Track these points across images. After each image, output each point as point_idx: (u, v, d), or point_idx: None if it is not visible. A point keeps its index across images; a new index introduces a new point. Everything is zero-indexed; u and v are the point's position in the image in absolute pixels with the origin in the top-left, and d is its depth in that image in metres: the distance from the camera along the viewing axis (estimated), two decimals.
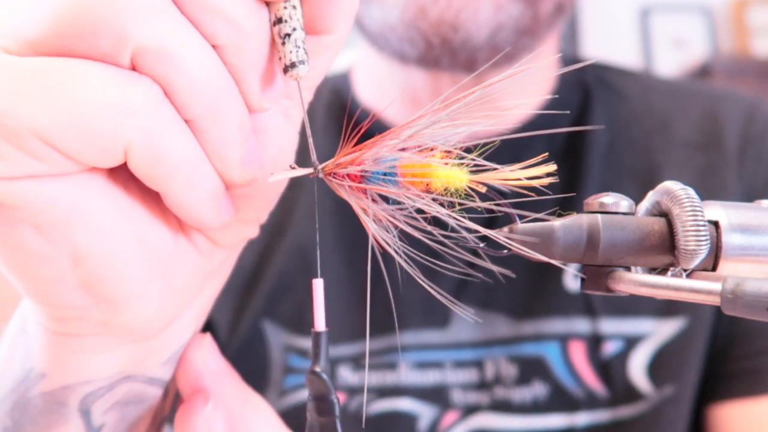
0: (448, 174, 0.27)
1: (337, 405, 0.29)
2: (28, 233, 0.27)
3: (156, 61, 0.25)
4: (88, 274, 0.28)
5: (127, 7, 0.24)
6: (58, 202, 0.26)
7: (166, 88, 0.25)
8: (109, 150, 0.25)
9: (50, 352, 0.32)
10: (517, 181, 0.27)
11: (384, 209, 0.28)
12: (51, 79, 0.24)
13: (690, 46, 2.45)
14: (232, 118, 0.27)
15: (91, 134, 0.24)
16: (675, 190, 0.26)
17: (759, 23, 2.44)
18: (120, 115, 0.24)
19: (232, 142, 0.28)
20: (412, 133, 0.28)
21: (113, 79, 0.24)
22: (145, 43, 0.24)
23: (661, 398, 0.57)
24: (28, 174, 0.25)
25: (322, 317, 0.29)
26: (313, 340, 0.29)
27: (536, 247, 0.26)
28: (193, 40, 0.25)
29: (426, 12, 0.54)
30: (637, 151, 0.64)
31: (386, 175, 0.28)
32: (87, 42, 0.24)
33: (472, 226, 0.27)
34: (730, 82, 2.05)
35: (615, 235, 0.26)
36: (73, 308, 0.30)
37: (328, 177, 0.29)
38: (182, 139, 0.26)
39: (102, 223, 0.28)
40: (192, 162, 0.27)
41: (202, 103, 0.26)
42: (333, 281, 0.61)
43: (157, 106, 0.25)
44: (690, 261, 0.25)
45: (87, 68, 0.24)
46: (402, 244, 0.28)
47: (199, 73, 0.25)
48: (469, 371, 0.59)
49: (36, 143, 0.24)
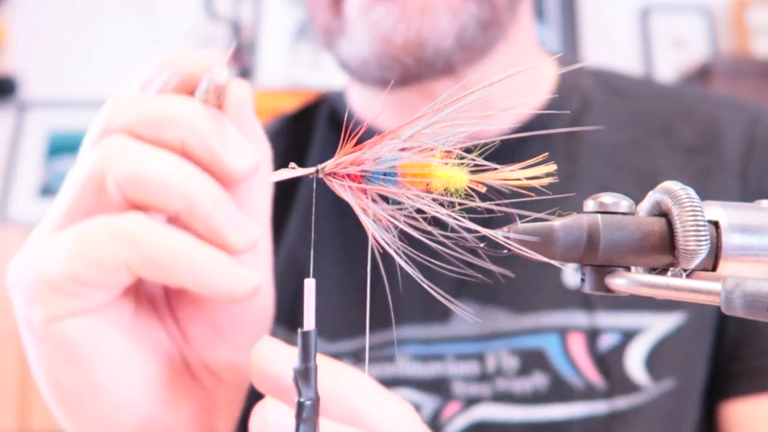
0: (448, 174, 0.27)
1: (317, 404, 0.29)
2: (60, 366, 0.35)
3: (129, 188, 0.34)
4: (102, 407, 0.36)
5: (98, 165, 0.35)
6: (87, 340, 0.35)
7: (145, 202, 0.34)
8: (115, 271, 0.34)
9: None
10: (516, 181, 0.27)
11: (384, 209, 0.28)
12: (69, 239, 0.35)
13: (690, 47, 2.45)
14: (207, 199, 0.34)
15: (100, 265, 0.34)
16: (675, 190, 0.26)
17: (759, 23, 2.44)
18: (114, 247, 0.34)
19: (216, 215, 0.35)
20: (412, 134, 0.28)
21: (105, 224, 0.34)
22: (118, 179, 0.34)
23: (660, 391, 0.58)
24: (68, 312, 0.34)
25: (312, 317, 0.29)
26: (301, 340, 0.29)
27: (536, 247, 0.26)
28: (146, 158, 0.34)
29: (390, 40, 0.57)
30: (639, 152, 0.65)
31: (386, 175, 0.28)
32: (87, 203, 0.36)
33: (472, 226, 0.27)
34: (730, 83, 2.05)
35: (615, 235, 0.26)
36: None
37: (328, 177, 0.29)
38: (168, 240, 0.34)
39: (119, 362, 0.35)
40: (185, 252, 0.34)
41: (175, 199, 0.34)
42: (332, 280, 0.62)
43: (138, 227, 0.34)
44: (690, 261, 0.25)
45: (90, 224, 0.35)
46: (402, 243, 0.28)
47: (160, 180, 0.34)
48: (470, 364, 0.60)
49: (68, 284, 0.34)
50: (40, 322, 0.34)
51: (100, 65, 2.44)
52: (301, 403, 0.29)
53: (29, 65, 2.45)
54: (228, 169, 0.35)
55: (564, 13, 2.40)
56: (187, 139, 0.35)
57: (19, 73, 2.44)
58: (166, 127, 0.35)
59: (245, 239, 0.36)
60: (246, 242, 0.36)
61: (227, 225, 0.35)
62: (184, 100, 0.36)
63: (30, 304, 0.35)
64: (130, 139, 0.35)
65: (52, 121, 2.43)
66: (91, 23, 2.46)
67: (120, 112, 0.36)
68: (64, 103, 2.42)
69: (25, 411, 1.97)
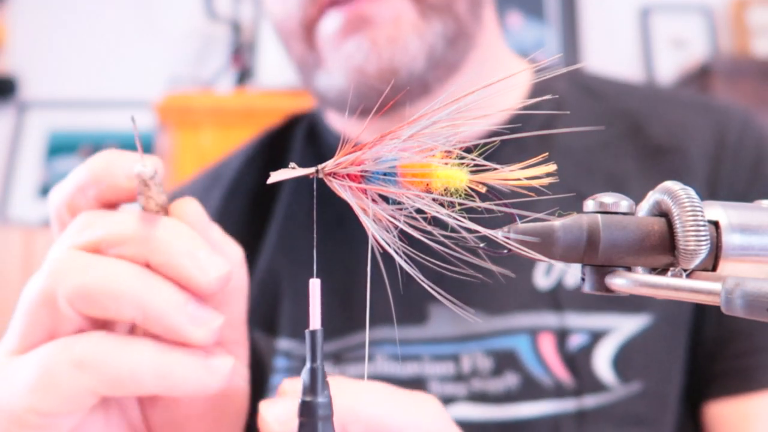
0: (448, 174, 0.27)
1: (330, 403, 0.29)
2: None
3: (81, 302, 0.35)
4: None
5: (50, 277, 0.35)
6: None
7: (97, 316, 0.35)
8: (80, 398, 0.35)
9: None
10: (516, 181, 0.27)
11: (384, 209, 0.28)
12: (28, 370, 0.35)
13: (690, 46, 2.45)
14: (164, 307, 0.35)
15: (63, 398, 0.34)
16: (675, 190, 0.26)
17: (759, 23, 2.44)
18: (73, 379, 0.34)
19: (174, 319, 0.35)
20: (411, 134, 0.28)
21: (60, 353, 0.35)
22: (69, 295, 0.34)
23: (628, 393, 0.59)
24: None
25: (318, 316, 0.29)
26: (309, 339, 0.29)
27: (536, 247, 0.26)
28: (98, 269, 0.35)
29: (364, 70, 0.58)
30: (609, 153, 0.66)
31: (386, 175, 0.28)
32: (40, 327, 0.36)
33: (472, 226, 0.27)
34: (730, 82, 2.04)
35: (615, 235, 0.26)
36: None
37: (328, 177, 0.29)
38: (130, 360, 0.34)
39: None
40: (142, 365, 0.35)
41: (127, 311, 0.35)
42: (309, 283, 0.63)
43: (94, 353, 0.34)
44: (690, 261, 0.25)
45: (45, 352, 0.35)
46: (387, 242, 0.28)
47: (110, 293, 0.34)
48: (446, 364, 0.61)
49: (32, 417, 0.34)
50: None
51: (100, 65, 2.44)
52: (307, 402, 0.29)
53: (29, 65, 2.45)
54: (198, 284, 0.35)
55: (564, 13, 2.40)
56: (150, 257, 0.35)
57: (19, 73, 2.44)
58: (129, 245, 0.35)
59: (207, 330, 0.36)
60: (208, 333, 0.36)
61: (185, 322, 0.35)
62: (145, 218, 0.36)
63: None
64: (78, 252, 0.35)
65: (52, 121, 2.43)
66: (91, 23, 2.46)
67: (78, 231, 0.36)
68: (64, 103, 2.42)
69: None
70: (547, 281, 0.61)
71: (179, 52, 2.42)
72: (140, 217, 0.36)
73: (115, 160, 0.37)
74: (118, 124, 2.37)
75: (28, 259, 2.06)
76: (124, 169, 0.37)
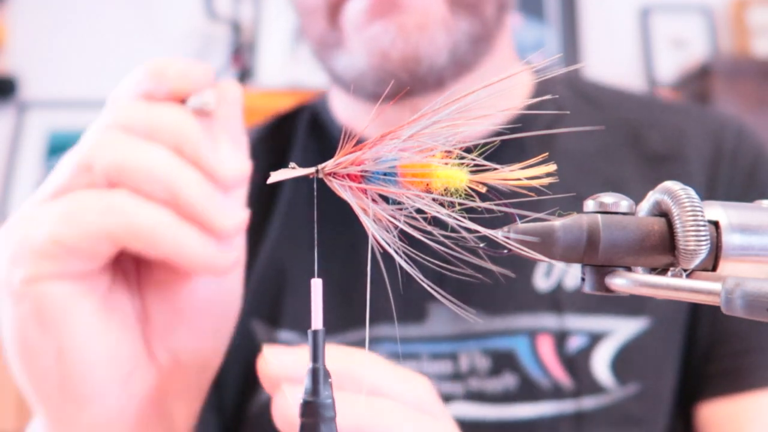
0: (448, 174, 0.27)
1: (333, 404, 0.29)
2: (31, 326, 0.37)
3: (117, 174, 0.37)
4: (63, 370, 0.37)
5: (90, 151, 0.38)
6: (60, 303, 0.36)
7: (133, 190, 0.37)
8: (98, 238, 0.36)
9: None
10: (516, 181, 0.27)
11: (384, 209, 0.28)
12: (59, 207, 0.37)
13: (690, 46, 2.45)
14: (192, 191, 0.37)
15: (85, 231, 0.36)
16: (675, 190, 0.26)
17: (759, 23, 2.43)
18: (99, 215, 0.36)
19: (201, 205, 0.37)
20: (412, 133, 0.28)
21: (93, 195, 0.37)
22: (106, 166, 0.37)
23: (625, 395, 0.59)
24: (47, 275, 0.36)
25: (320, 316, 0.29)
26: (311, 339, 0.29)
27: (536, 247, 0.26)
28: (136, 149, 0.37)
29: (388, 55, 0.58)
30: (607, 159, 0.66)
31: (386, 175, 0.28)
32: (78, 181, 0.38)
33: (472, 226, 0.27)
34: (730, 82, 2.04)
35: (615, 235, 0.26)
36: (52, 404, 0.39)
37: (328, 177, 0.29)
38: (149, 213, 0.37)
39: (86, 329, 0.37)
40: (166, 227, 0.37)
41: (160, 188, 0.37)
42: (311, 278, 0.63)
43: (123, 200, 0.37)
44: (690, 261, 0.25)
45: (79, 194, 0.38)
46: (387, 242, 0.28)
47: (148, 169, 0.37)
48: (444, 363, 0.61)
49: (52, 247, 0.36)
50: (19, 282, 0.36)
51: (100, 65, 2.43)
52: (308, 402, 0.29)
53: (29, 65, 2.45)
54: (218, 175, 0.38)
55: (564, 13, 2.40)
56: (179, 145, 0.38)
57: (19, 73, 2.44)
58: (162, 133, 0.38)
59: (231, 222, 0.38)
60: (232, 225, 0.38)
61: (212, 210, 0.38)
62: (179, 112, 0.39)
63: (13, 265, 0.37)
64: (118, 130, 0.38)
65: (52, 121, 2.43)
66: (91, 23, 2.46)
67: (121, 115, 0.39)
68: (64, 103, 2.42)
69: (25, 411, 1.97)
70: (547, 283, 0.61)
71: (179, 52, 2.42)
72: (178, 111, 0.39)
73: (183, 73, 0.40)
74: None
75: None
76: (185, 83, 0.40)
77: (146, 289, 0.42)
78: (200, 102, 0.40)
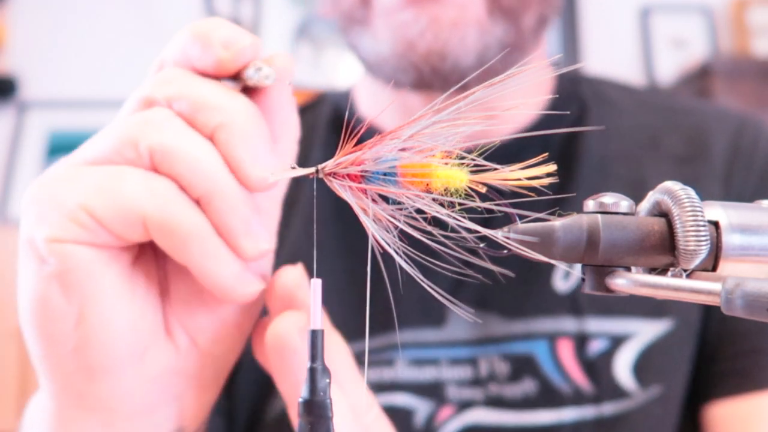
0: (448, 174, 0.27)
1: (330, 404, 0.29)
2: (54, 289, 0.35)
3: (162, 157, 0.34)
4: (81, 337, 0.36)
5: (137, 127, 0.35)
6: (85, 266, 0.34)
7: (173, 175, 0.34)
8: (132, 222, 0.34)
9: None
10: (516, 182, 0.27)
11: (384, 209, 0.28)
12: (98, 176, 0.35)
13: (690, 46, 2.45)
14: (230, 192, 0.35)
15: (120, 208, 0.34)
16: (675, 190, 0.26)
17: (759, 23, 2.44)
18: (141, 197, 0.34)
19: (234, 213, 0.35)
20: (412, 134, 0.28)
21: (138, 174, 0.34)
22: (152, 147, 0.34)
23: (647, 398, 0.58)
24: (73, 239, 0.34)
25: (319, 316, 0.29)
26: (310, 339, 0.29)
27: (536, 247, 0.26)
28: (187, 136, 0.35)
29: (414, 45, 0.56)
30: (628, 163, 0.66)
31: (386, 175, 0.28)
32: (120, 153, 0.35)
33: (472, 226, 0.27)
34: (730, 83, 2.04)
35: (615, 235, 0.26)
36: (63, 373, 0.37)
37: (328, 177, 0.29)
38: (190, 214, 0.34)
39: (109, 296, 0.36)
40: (201, 233, 0.34)
41: (202, 181, 0.34)
42: (334, 283, 0.62)
43: (169, 191, 0.34)
44: (690, 261, 0.25)
45: (122, 168, 0.35)
46: (401, 244, 0.28)
47: (195, 156, 0.34)
48: (463, 368, 0.60)
49: (82, 215, 0.34)
50: (43, 240, 0.34)
51: (100, 65, 2.44)
52: (306, 402, 0.29)
53: (29, 65, 2.45)
54: (245, 175, 0.35)
55: (564, 13, 2.40)
56: (218, 131, 0.35)
57: (19, 73, 2.44)
58: (204, 112, 0.35)
59: (255, 248, 0.36)
60: (255, 251, 0.36)
61: (242, 228, 0.35)
62: (229, 94, 0.36)
63: (38, 223, 0.35)
64: (174, 115, 0.35)
65: (52, 121, 2.43)
66: (91, 23, 2.46)
67: (169, 90, 0.36)
68: (64, 103, 2.42)
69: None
70: (566, 285, 0.60)
71: None
72: (232, 98, 0.36)
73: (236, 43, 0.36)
74: None
75: None
76: (237, 57, 0.36)
77: (170, 264, 0.40)
78: (256, 78, 0.36)
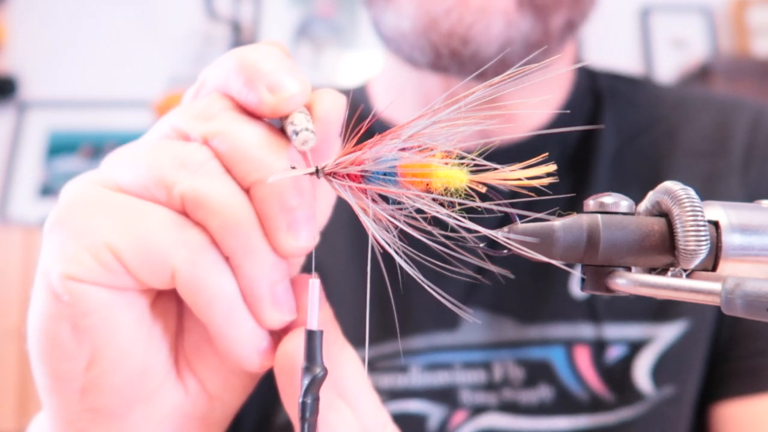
0: (448, 174, 0.27)
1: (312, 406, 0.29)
2: (66, 329, 0.33)
3: (195, 206, 0.31)
4: (91, 380, 0.34)
5: (172, 169, 0.32)
6: (102, 310, 0.32)
7: (206, 226, 0.32)
8: (159, 271, 0.31)
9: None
10: (517, 182, 0.27)
11: (384, 209, 0.28)
12: (127, 211, 0.32)
13: (690, 47, 2.45)
14: (261, 256, 0.32)
15: (148, 255, 0.31)
16: (675, 190, 0.26)
17: (759, 23, 2.44)
18: (172, 246, 0.31)
19: (263, 279, 0.32)
20: (412, 133, 0.28)
21: (170, 219, 0.32)
22: (185, 193, 0.31)
23: (661, 399, 0.58)
24: (92, 279, 0.32)
25: (316, 317, 0.29)
26: (306, 340, 0.29)
27: (536, 247, 0.26)
28: (223, 186, 0.32)
29: (437, 23, 0.54)
30: (645, 159, 0.65)
31: (386, 175, 0.28)
32: (152, 191, 0.32)
33: (472, 226, 0.27)
34: (730, 83, 2.04)
35: (615, 235, 0.26)
36: (68, 411, 0.36)
37: (328, 177, 0.29)
38: (220, 275, 0.32)
39: (124, 341, 0.34)
40: (229, 297, 0.32)
41: (234, 239, 0.32)
42: (348, 288, 0.62)
43: (202, 245, 0.32)
44: (690, 261, 0.25)
45: (153, 208, 0.32)
46: (411, 247, 0.28)
47: (230, 213, 0.31)
48: (477, 372, 0.59)
49: (107, 255, 0.31)
50: (59, 275, 0.32)
51: (100, 65, 2.44)
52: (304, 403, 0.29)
53: (29, 65, 2.45)
54: (278, 243, 0.32)
55: None
56: (257, 188, 0.32)
57: (19, 73, 2.44)
58: (245, 164, 0.32)
59: (281, 320, 0.33)
60: (279, 323, 0.34)
61: (269, 296, 0.33)
62: (274, 151, 0.32)
63: (56, 254, 0.32)
64: (212, 157, 0.32)
65: (52, 121, 2.43)
66: (91, 24, 2.46)
67: (206, 123, 0.33)
68: (64, 103, 2.42)
69: (25, 411, 1.97)
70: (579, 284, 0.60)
71: (179, 52, 2.42)
72: (266, 142, 0.32)
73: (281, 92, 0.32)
74: (118, 124, 2.37)
75: (28, 259, 2.06)
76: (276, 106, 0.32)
77: (187, 307, 0.38)
78: (293, 139, 0.31)
